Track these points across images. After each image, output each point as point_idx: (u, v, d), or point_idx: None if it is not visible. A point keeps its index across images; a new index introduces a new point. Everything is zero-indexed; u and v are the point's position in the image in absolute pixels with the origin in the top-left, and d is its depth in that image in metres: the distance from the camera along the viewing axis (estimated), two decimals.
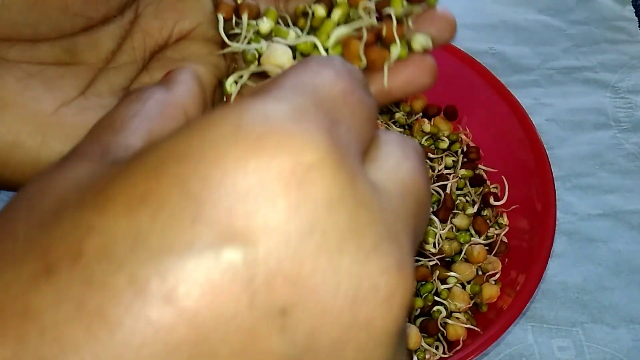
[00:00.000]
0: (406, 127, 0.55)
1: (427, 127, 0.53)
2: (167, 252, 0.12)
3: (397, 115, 0.55)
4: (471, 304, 0.46)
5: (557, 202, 0.45)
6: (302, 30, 0.28)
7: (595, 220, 0.54)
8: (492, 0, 0.69)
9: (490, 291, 0.45)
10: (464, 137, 0.54)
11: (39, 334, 0.12)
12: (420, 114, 0.55)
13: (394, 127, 0.54)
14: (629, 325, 0.48)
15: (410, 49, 0.27)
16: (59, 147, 0.24)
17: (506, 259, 0.47)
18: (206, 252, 0.12)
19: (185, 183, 0.12)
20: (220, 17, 0.27)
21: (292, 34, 0.27)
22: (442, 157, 0.52)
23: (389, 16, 0.27)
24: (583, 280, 0.50)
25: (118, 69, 0.27)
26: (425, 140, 0.53)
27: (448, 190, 0.50)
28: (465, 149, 0.53)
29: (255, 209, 0.12)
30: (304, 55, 0.27)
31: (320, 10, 0.27)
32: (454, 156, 0.53)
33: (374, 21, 0.27)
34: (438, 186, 0.50)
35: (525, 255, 0.45)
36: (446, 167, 0.52)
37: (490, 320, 0.43)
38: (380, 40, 0.27)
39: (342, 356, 0.13)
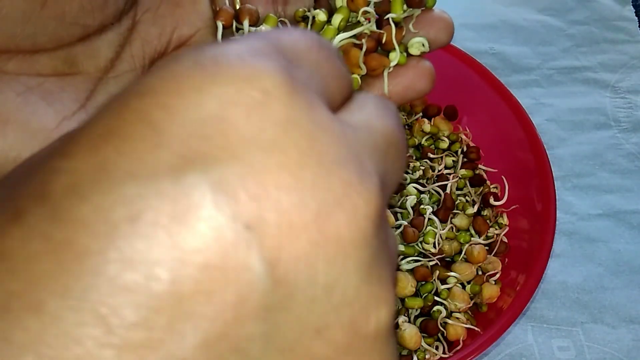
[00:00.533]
0: (406, 127, 0.55)
1: (427, 127, 0.53)
2: (130, 179, 0.12)
3: None
4: (471, 304, 0.46)
5: (557, 202, 0.45)
6: None
7: (595, 220, 0.54)
8: (492, 0, 0.69)
9: (490, 291, 0.45)
10: (464, 137, 0.54)
11: (9, 273, 0.12)
12: (420, 114, 0.55)
13: None
14: (629, 325, 0.48)
15: (408, 53, 0.27)
16: None
17: (506, 259, 0.47)
18: (168, 175, 0.12)
19: (146, 114, 0.12)
20: (220, 25, 0.27)
21: None
22: (442, 157, 0.52)
23: (389, 21, 0.27)
24: (583, 280, 0.50)
25: (117, 78, 0.26)
26: (425, 140, 0.53)
27: (448, 190, 0.50)
28: (465, 149, 0.53)
29: (217, 132, 0.12)
30: None
31: (321, 15, 0.27)
32: (454, 156, 0.53)
33: (374, 27, 0.27)
34: (438, 186, 0.50)
35: (525, 255, 0.45)
36: (446, 167, 0.52)
37: (490, 320, 0.43)
38: (380, 46, 0.27)
39: (314, 270, 0.13)
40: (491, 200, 0.49)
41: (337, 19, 0.27)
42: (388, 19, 0.27)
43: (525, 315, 0.48)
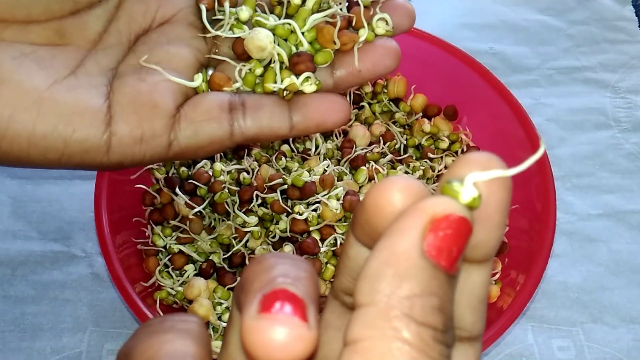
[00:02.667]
0: (406, 127, 0.55)
1: (427, 127, 0.53)
2: None
3: (397, 115, 0.54)
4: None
5: (557, 202, 0.45)
6: (278, 17, 0.30)
7: (595, 220, 0.54)
8: (492, 0, 0.69)
9: (490, 291, 0.45)
10: (464, 137, 0.54)
11: None
12: (420, 114, 0.55)
13: (394, 127, 0.54)
14: (629, 325, 0.48)
15: (375, 35, 0.30)
16: (53, 121, 0.25)
17: (506, 259, 0.47)
18: None
19: None
20: (203, 7, 0.29)
21: (272, 20, 0.30)
22: (442, 157, 0.52)
23: (357, 3, 0.30)
24: (583, 280, 0.50)
25: (105, 50, 0.28)
26: (425, 140, 0.53)
27: None
28: (465, 149, 0.53)
29: None
30: (282, 39, 0.30)
31: (296, 0, 0.30)
32: (454, 156, 0.53)
33: (344, 10, 0.30)
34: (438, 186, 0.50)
35: (525, 255, 0.45)
36: (446, 167, 0.52)
37: (490, 320, 0.42)
38: (350, 26, 0.30)
39: None
40: None
41: (310, 1, 0.30)
42: (357, 2, 0.30)
43: (525, 315, 0.48)
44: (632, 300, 0.49)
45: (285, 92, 0.29)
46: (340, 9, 0.30)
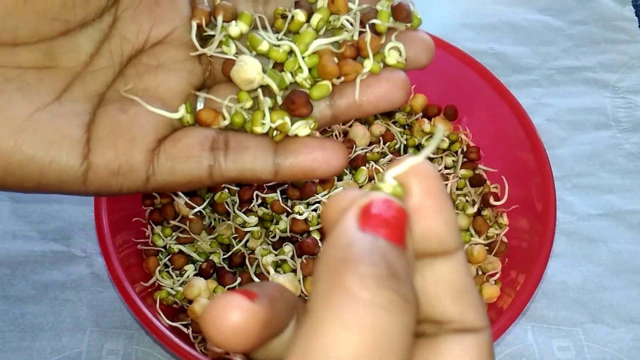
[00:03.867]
0: (406, 127, 0.55)
1: (427, 127, 0.53)
2: None
3: (397, 115, 0.55)
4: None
5: (557, 202, 0.45)
6: (278, 32, 0.27)
7: (595, 220, 0.54)
8: (492, 0, 0.69)
9: (490, 291, 0.45)
10: (464, 137, 0.54)
11: None
12: (420, 114, 0.55)
13: (393, 127, 0.54)
14: (629, 325, 0.48)
15: (385, 64, 0.27)
16: (31, 151, 0.25)
17: (506, 259, 0.47)
18: None
19: None
20: (194, 24, 0.27)
21: (265, 45, 0.27)
22: (442, 157, 0.52)
23: (367, 27, 0.26)
24: (583, 280, 0.50)
25: (95, 73, 0.27)
26: (425, 140, 0.53)
27: (448, 190, 0.50)
28: (465, 149, 0.53)
29: None
30: (278, 64, 0.27)
31: (300, 16, 0.27)
32: (454, 156, 0.53)
33: (356, 34, 0.27)
34: None
35: (525, 255, 0.45)
36: (446, 167, 0.52)
37: (490, 320, 0.42)
38: (360, 54, 0.27)
39: None
40: (491, 200, 0.49)
41: (315, 19, 0.27)
42: (370, 26, 0.26)
43: (525, 315, 0.48)
44: (632, 300, 0.49)
45: (275, 132, 0.26)
46: (353, 32, 0.26)
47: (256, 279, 0.44)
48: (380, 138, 0.53)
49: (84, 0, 0.26)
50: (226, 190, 0.48)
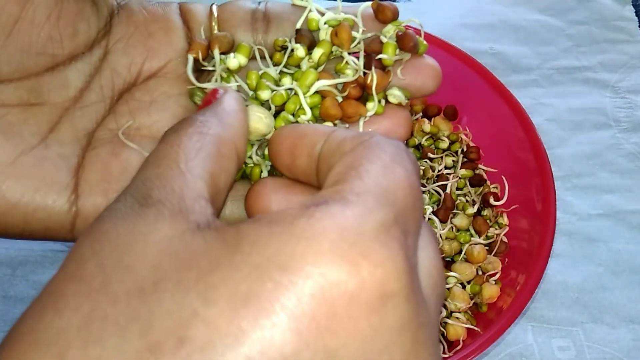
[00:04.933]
0: None
1: (427, 127, 0.53)
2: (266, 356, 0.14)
3: None
4: (471, 304, 0.46)
5: (557, 202, 0.45)
6: (277, 65, 0.26)
7: (595, 220, 0.54)
8: (492, 0, 0.69)
9: (490, 291, 0.45)
10: (464, 137, 0.54)
11: None
12: (420, 114, 0.55)
13: None
14: (629, 325, 0.48)
15: (387, 100, 0.26)
16: (15, 198, 0.23)
17: (506, 259, 0.47)
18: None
19: (287, 295, 0.14)
20: (190, 58, 0.26)
21: (267, 94, 0.26)
22: (442, 157, 0.52)
23: (378, 62, 0.26)
24: (583, 280, 0.50)
25: (84, 109, 0.26)
26: (425, 140, 0.53)
27: (448, 190, 0.50)
28: (465, 149, 0.53)
29: (340, 325, 0.14)
30: (277, 107, 0.26)
31: (300, 51, 0.26)
32: (454, 156, 0.53)
33: (360, 69, 0.26)
34: (438, 186, 0.50)
35: (525, 255, 0.45)
36: (446, 167, 0.52)
37: (490, 320, 0.42)
38: (364, 89, 0.26)
39: None
40: (491, 200, 0.49)
41: (317, 53, 0.26)
42: (375, 60, 0.26)
43: (525, 315, 0.48)
44: (632, 300, 0.49)
45: None
46: (357, 69, 0.26)
47: None
48: None
49: (72, 33, 0.25)
50: None
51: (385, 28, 0.26)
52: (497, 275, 0.47)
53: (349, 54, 0.26)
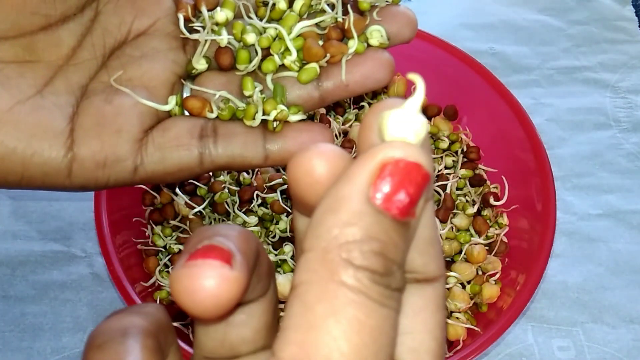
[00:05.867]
0: None
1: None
2: None
3: None
4: (471, 304, 0.46)
5: (557, 202, 0.45)
6: (261, 20, 0.28)
7: (595, 220, 0.54)
8: (492, 0, 0.69)
9: (490, 291, 0.45)
10: (464, 137, 0.54)
11: None
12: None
13: None
14: (629, 325, 0.48)
15: (369, 45, 0.27)
16: (13, 143, 0.25)
17: (506, 259, 0.47)
18: None
19: None
20: (181, 16, 0.28)
21: (252, 37, 0.27)
22: (442, 157, 0.52)
23: (355, 8, 0.27)
24: (583, 280, 0.50)
25: (77, 66, 0.27)
26: None
27: (448, 190, 0.50)
28: (465, 149, 0.53)
29: None
30: (263, 49, 0.27)
31: (281, 4, 0.27)
32: (454, 156, 0.53)
33: (339, 14, 0.27)
34: (438, 186, 0.50)
35: (525, 255, 0.45)
36: (446, 167, 0.52)
37: (490, 320, 0.43)
38: (344, 35, 0.27)
39: None
40: (491, 200, 0.49)
41: (298, 4, 0.27)
42: (354, 6, 0.27)
43: (525, 315, 0.48)
44: (632, 300, 0.49)
45: (275, 124, 0.27)
46: (336, 14, 0.27)
47: None
48: None
49: None
50: (226, 190, 0.48)
51: None
52: (497, 275, 0.47)
53: (328, 4, 0.28)
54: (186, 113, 0.28)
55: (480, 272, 0.47)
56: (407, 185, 0.14)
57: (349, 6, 0.27)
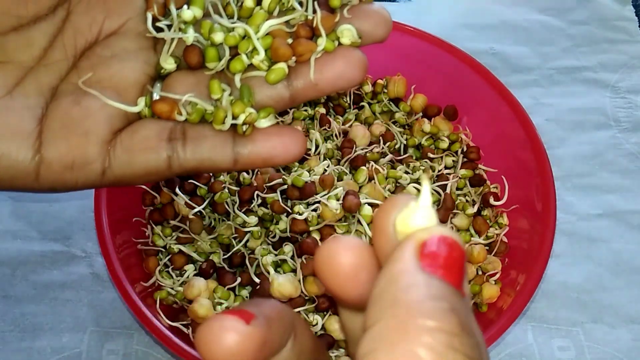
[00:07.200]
0: (406, 127, 0.55)
1: (427, 127, 0.53)
2: None
3: (397, 115, 0.54)
4: (471, 304, 0.46)
5: (557, 202, 0.45)
6: (230, 18, 0.27)
7: (595, 220, 0.54)
8: (492, 0, 0.69)
9: (490, 291, 0.45)
10: (464, 137, 0.54)
11: None
12: (420, 114, 0.55)
13: (394, 126, 0.54)
14: (629, 325, 0.48)
15: (340, 43, 0.26)
16: None
17: (506, 259, 0.47)
18: None
19: None
20: (149, 15, 0.27)
21: (220, 36, 0.27)
22: (442, 157, 0.52)
23: (325, 5, 0.26)
24: (583, 280, 0.50)
25: (48, 67, 0.27)
26: (425, 140, 0.53)
27: (448, 190, 0.50)
28: (465, 149, 0.53)
29: None
30: (231, 48, 0.27)
31: (248, 2, 0.27)
32: (454, 156, 0.53)
33: (309, 12, 0.27)
34: (438, 186, 0.50)
35: (525, 255, 0.45)
36: (446, 167, 0.52)
37: (490, 320, 0.42)
38: (314, 33, 0.26)
39: None
40: (491, 200, 0.49)
41: (266, 1, 0.27)
42: (320, 3, 0.26)
43: (525, 315, 0.48)
44: (632, 300, 0.49)
45: (244, 127, 0.26)
46: (306, 11, 0.27)
47: (256, 279, 0.44)
48: (380, 138, 0.53)
49: None
50: (226, 190, 0.48)
51: None
52: (497, 275, 0.47)
53: (298, 1, 0.27)
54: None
55: (480, 272, 0.47)
56: (449, 252, 0.16)
57: (316, 4, 0.27)
